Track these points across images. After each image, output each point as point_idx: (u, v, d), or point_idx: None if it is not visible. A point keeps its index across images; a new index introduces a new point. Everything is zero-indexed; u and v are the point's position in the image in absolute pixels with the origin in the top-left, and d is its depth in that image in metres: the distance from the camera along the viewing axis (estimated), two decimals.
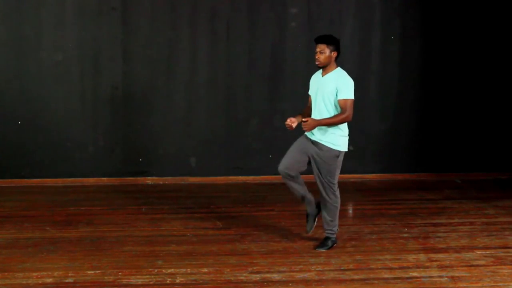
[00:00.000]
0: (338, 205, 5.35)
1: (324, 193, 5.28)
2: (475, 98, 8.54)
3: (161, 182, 8.11)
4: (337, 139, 5.21)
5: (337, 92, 5.15)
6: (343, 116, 5.10)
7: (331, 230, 5.38)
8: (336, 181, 5.29)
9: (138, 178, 8.12)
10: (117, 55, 7.99)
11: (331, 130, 5.18)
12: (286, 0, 8.19)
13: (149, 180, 8.13)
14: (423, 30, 8.42)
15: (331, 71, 5.25)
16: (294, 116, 5.20)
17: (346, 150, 5.29)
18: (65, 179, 7.98)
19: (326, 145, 5.19)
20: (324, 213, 5.36)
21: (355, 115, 5.27)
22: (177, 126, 8.20)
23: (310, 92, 5.46)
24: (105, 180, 8.05)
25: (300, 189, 5.36)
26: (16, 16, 7.79)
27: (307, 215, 5.50)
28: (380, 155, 8.53)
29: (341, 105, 5.14)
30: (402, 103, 8.49)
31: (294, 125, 5.13)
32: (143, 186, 7.98)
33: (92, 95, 8.00)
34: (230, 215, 6.52)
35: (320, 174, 5.25)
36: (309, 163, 5.30)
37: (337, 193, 5.32)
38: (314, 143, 5.26)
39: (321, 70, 5.32)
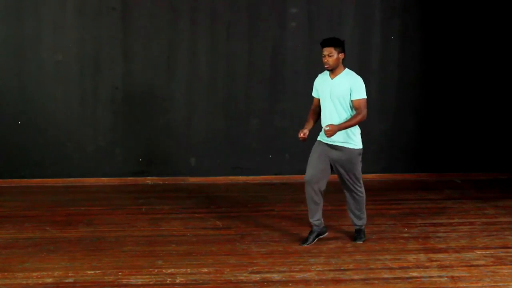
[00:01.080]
0: (364, 196, 5.53)
1: (352, 188, 5.45)
2: (475, 98, 8.54)
3: (161, 182, 8.10)
4: (357, 137, 5.38)
5: (350, 92, 5.25)
6: (360, 117, 5.26)
7: (361, 222, 5.61)
8: (361, 176, 5.46)
9: (138, 178, 8.11)
10: (117, 55, 7.98)
11: (351, 130, 5.31)
12: (286, 0, 8.19)
13: (149, 180, 8.13)
14: (423, 30, 8.41)
15: (340, 72, 5.36)
16: (303, 127, 5.34)
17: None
18: (65, 179, 7.98)
19: (349, 147, 5.33)
20: (352, 208, 5.55)
21: None
22: (177, 126, 8.20)
23: (317, 95, 5.53)
24: (105, 180, 8.04)
25: (314, 208, 5.47)
26: (16, 16, 7.79)
27: (312, 230, 5.57)
28: (380, 155, 8.52)
29: (355, 105, 5.28)
30: (402, 103, 8.48)
31: (306, 136, 5.26)
32: (143, 186, 7.97)
33: (92, 95, 8.00)
34: (230, 215, 6.52)
35: (347, 174, 5.38)
36: (331, 167, 5.43)
37: (363, 187, 5.51)
38: (334, 147, 5.34)
39: (327, 73, 5.40)
